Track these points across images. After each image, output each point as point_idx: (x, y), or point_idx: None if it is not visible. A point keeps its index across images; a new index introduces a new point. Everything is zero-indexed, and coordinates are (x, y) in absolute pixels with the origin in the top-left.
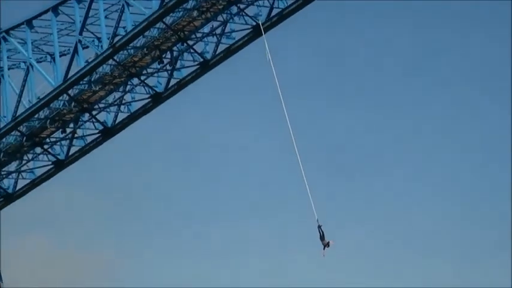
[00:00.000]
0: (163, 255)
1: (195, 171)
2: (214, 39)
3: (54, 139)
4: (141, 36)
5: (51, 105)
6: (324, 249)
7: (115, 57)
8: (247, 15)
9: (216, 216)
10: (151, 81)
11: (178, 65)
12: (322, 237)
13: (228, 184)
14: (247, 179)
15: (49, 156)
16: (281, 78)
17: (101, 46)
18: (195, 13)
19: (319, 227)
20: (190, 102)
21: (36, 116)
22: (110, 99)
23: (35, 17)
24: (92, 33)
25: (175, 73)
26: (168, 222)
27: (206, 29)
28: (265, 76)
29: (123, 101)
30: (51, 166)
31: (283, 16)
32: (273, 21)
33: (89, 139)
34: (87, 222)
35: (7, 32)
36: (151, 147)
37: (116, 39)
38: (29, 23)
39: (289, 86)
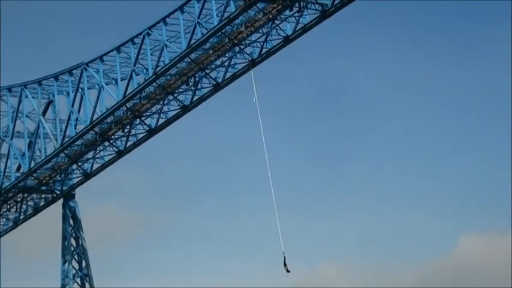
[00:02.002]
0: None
1: (207, 158)
2: (223, 69)
3: (116, 136)
4: (174, 67)
5: (115, 113)
6: (286, 272)
7: (157, 81)
8: (245, 52)
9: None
10: (181, 97)
11: (199, 86)
12: (285, 264)
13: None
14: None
15: (113, 147)
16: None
17: (148, 74)
18: (210, 51)
19: (284, 258)
20: (207, 112)
21: (105, 120)
22: (154, 109)
23: (105, 54)
24: (141, 65)
25: (197, 92)
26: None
27: (218, 62)
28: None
29: (162, 111)
30: (115, 154)
31: (270, 53)
32: (262, 57)
33: (139, 136)
34: (139, 192)
35: (87, 64)
36: (180, 141)
37: (158, 69)
38: (101, 58)
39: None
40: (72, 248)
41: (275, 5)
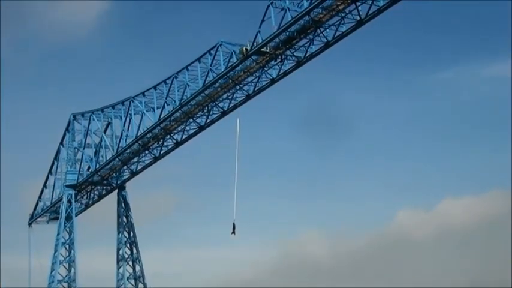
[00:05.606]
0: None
1: (217, 160)
2: (228, 101)
3: (154, 147)
4: (194, 100)
5: (152, 131)
6: (232, 233)
7: (182, 109)
8: (243, 89)
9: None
10: (198, 120)
11: (211, 113)
12: (233, 228)
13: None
14: None
15: (151, 154)
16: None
17: (175, 104)
18: (219, 89)
19: (234, 225)
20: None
21: (146, 136)
22: (179, 128)
23: (146, 91)
24: (171, 98)
25: (209, 117)
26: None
27: (224, 96)
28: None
29: (185, 129)
30: (152, 159)
31: (260, 90)
32: (255, 93)
33: (169, 147)
34: (171, 183)
35: (134, 97)
36: (196, 149)
37: (182, 101)
38: (143, 93)
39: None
40: (124, 223)
41: (264, 57)
